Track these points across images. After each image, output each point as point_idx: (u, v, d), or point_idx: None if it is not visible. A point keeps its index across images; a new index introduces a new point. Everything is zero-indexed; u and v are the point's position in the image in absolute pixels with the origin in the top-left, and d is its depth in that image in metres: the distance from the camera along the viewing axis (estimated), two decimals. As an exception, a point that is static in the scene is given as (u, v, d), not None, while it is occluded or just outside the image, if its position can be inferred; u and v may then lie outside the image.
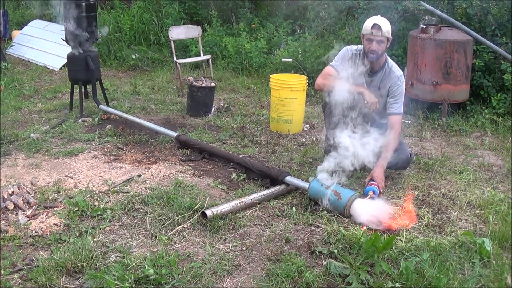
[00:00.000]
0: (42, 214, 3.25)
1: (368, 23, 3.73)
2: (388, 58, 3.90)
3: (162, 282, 2.53)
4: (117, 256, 2.79)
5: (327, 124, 4.00)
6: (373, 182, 3.58)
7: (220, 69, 7.88)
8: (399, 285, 2.50)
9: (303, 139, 4.93)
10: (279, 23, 8.55)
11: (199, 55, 7.10)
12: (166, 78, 7.45)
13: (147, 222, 3.18)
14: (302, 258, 2.79)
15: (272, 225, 3.18)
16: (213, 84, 5.71)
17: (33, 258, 2.75)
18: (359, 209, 3.20)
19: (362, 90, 3.79)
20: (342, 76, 3.91)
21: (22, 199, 3.35)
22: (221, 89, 6.85)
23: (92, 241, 2.90)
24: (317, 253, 2.84)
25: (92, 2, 5.35)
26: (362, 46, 3.86)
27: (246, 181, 3.85)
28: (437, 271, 2.58)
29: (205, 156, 4.31)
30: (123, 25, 8.89)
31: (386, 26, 3.70)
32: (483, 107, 5.55)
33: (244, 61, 7.81)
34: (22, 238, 2.96)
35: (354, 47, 3.94)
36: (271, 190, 3.56)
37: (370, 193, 3.46)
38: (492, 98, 5.51)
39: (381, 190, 3.57)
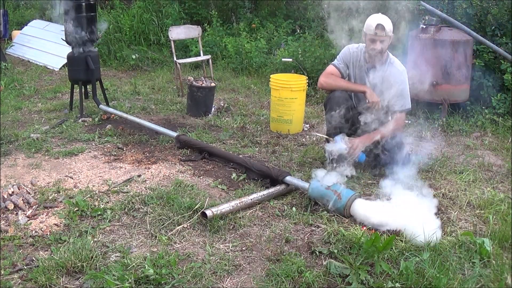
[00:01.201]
0: (42, 214, 3.25)
1: (371, 23, 3.71)
2: (390, 54, 3.89)
3: (162, 282, 2.53)
4: (117, 256, 2.79)
5: (328, 123, 4.00)
6: (347, 137, 3.76)
7: (220, 69, 7.88)
8: (399, 285, 2.50)
9: (303, 139, 4.93)
10: (279, 23, 8.55)
11: (199, 55, 7.10)
12: (166, 78, 7.45)
13: (147, 222, 3.18)
14: (302, 258, 2.79)
15: (272, 225, 3.18)
16: (213, 84, 5.71)
17: (33, 258, 2.75)
18: (359, 209, 3.20)
19: (364, 89, 3.79)
20: (344, 74, 3.94)
21: (22, 199, 3.35)
22: (221, 89, 6.85)
23: (92, 241, 2.90)
24: (317, 253, 2.84)
25: (92, 2, 5.35)
26: (363, 44, 3.86)
27: (246, 181, 3.85)
28: (437, 271, 2.58)
29: (205, 156, 4.31)
30: (123, 25, 8.89)
31: (388, 25, 3.70)
32: (483, 107, 5.55)
33: (244, 61, 7.81)
34: (22, 238, 2.96)
35: (355, 45, 3.96)
36: (271, 190, 3.56)
37: (332, 138, 3.72)
38: (492, 98, 5.51)
39: (349, 146, 3.69)
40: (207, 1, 9.43)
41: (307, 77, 5.30)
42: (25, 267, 2.66)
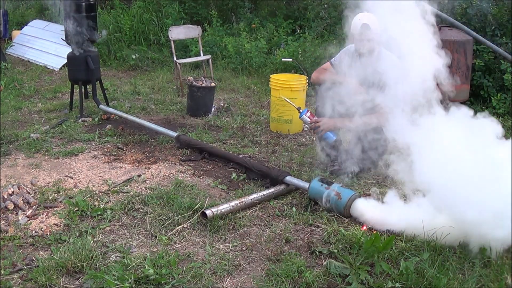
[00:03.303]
0: (42, 214, 3.25)
1: (356, 22, 3.75)
2: (382, 49, 3.88)
3: (162, 282, 2.53)
4: (117, 256, 2.79)
5: (316, 115, 4.07)
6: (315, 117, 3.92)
7: (220, 69, 7.88)
8: (399, 285, 2.51)
9: (303, 139, 4.93)
10: (279, 23, 8.55)
11: (199, 55, 7.10)
12: (166, 78, 7.45)
13: (147, 222, 3.18)
14: (302, 258, 2.79)
15: (272, 225, 3.18)
16: (213, 84, 5.71)
17: (33, 258, 2.75)
18: (359, 209, 3.20)
19: (342, 79, 3.85)
20: (337, 70, 4.05)
21: (22, 199, 3.35)
22: (221, 89, 6.85)
23: (92, 241, 2.90)
24: (317, 253, 2.84)
25: (92, 2, 5.35)
26: None
27: (246, 181, 3.85)
28: (437, 271, 2.58)
29: (205, 156, 4.31)
30: (123, 25, 8.89)
31: (374, 24, 3.71)
32: (483, 107, 5.55)
33: (244, 61, 7.81)
34: (22, 238, 2.96)
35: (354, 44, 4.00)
36: (271, 190, 3.56)
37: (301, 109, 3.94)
38: (492, 98, 5.51)
39: (312, 120, 3.88)
40: (207, 1, 9.42)
41: (307, 77, 5.30)
42: (25, 267, 2.66)
